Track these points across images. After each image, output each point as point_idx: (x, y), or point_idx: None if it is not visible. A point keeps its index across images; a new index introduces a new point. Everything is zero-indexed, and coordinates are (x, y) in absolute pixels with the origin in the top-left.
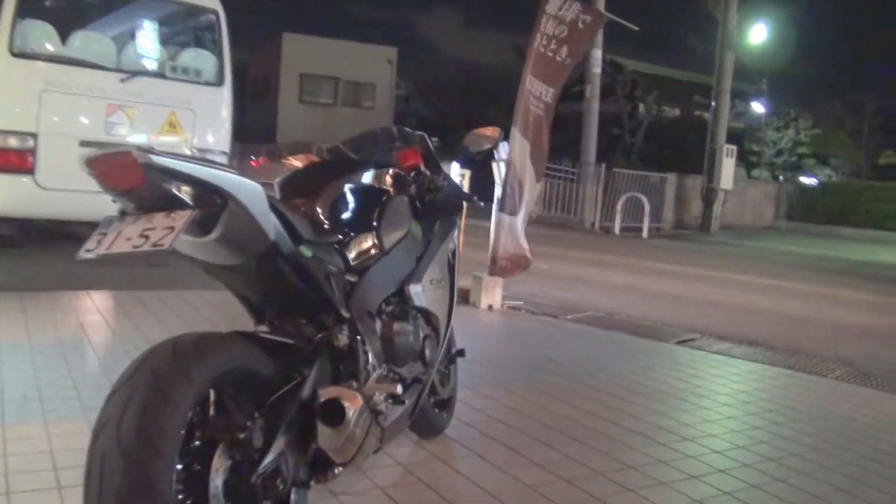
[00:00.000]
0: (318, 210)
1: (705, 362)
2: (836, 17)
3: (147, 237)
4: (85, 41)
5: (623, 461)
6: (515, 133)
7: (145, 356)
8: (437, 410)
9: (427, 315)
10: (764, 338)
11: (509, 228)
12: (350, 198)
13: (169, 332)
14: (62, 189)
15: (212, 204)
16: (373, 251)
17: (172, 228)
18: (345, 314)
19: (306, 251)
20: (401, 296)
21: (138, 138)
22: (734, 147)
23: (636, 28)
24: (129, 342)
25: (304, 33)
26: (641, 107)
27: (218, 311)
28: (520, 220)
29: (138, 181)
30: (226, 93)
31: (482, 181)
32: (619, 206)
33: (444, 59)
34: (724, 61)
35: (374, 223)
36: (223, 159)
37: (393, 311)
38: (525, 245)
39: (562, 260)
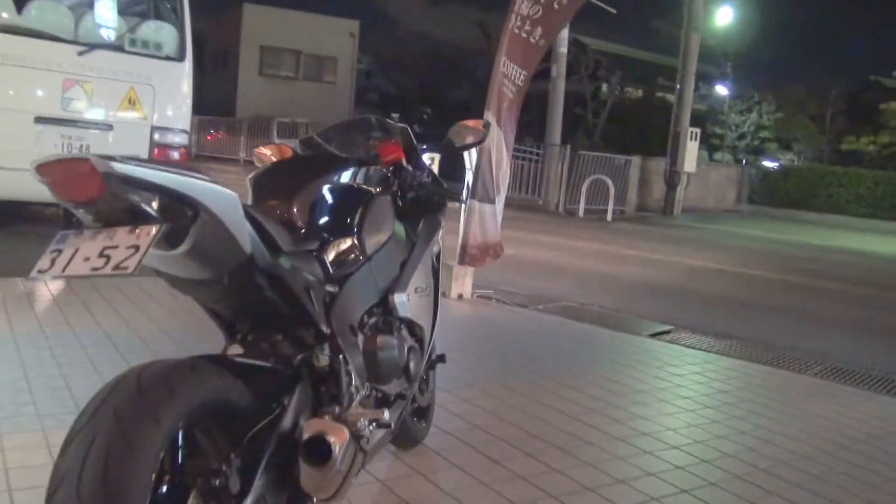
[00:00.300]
0: (295, 213)
1: (682, 358)
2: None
3: (108, 257)
4: (41, 11)
5: (612, 474)
6: (489, 117)
7: (105, 394)
8: (415, 419)
9: (411, 326)
10: (737, 330)
11: (480, 216)
12: (329, 199)
13: (129, 322)
14: (17, 168)
15: (181, 215)
16: (354, 258)
17: (137, 248)
18: (325, 330)
19: (284, 262)
20: (384, 306)
21: (96, 114)
22: (698, 130)
23: (614, 11)
24: (88, 335)
25: (265, 4)
26: (604, 87)
27: (176, 299)
28: (499, 207)
29: (97, 192)
30: (187, 68)
31: (455, 167)
32: (583, 189)
33: (407, 33)
34: (689, 43)
35: (356, 226)
36: (183, 137)
37: (376, 324)
38: (498, 233)
39: (528, 245)
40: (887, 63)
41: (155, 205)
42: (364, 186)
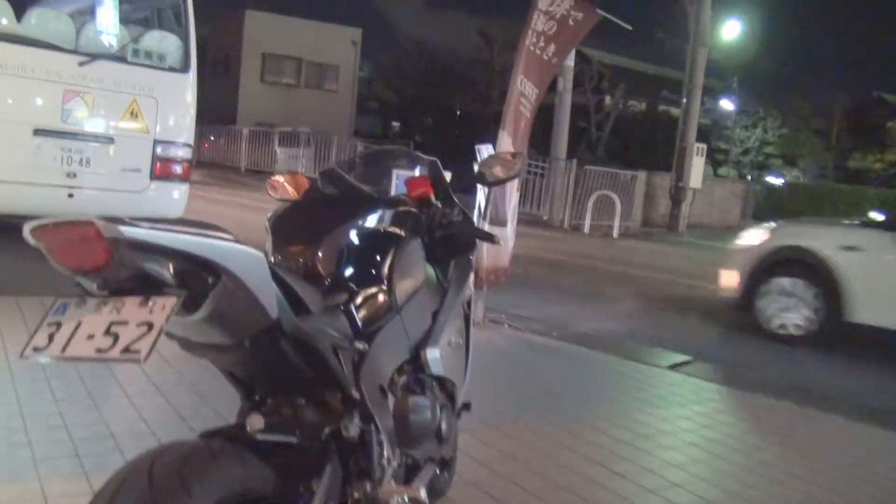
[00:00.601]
0: (321, 262)
1: (705, 394)
2: (809, 17)
3: (116, 336)
4: (41, 19)
5: None
6: (504, 137)
7: (113, 490)
8: (437, 471)
9: (443, 383)
10: (758, 361)
11: None
12: (356, 245)
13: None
14: (15, 182)
15: (200, 280)
16: (384, 310)
17: (150, 326)
18: (354, 394)
19: (312, 324)
20: (415, 362)
21: (97, 127)
22: (704, 146)
23: (629, 27)
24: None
25: (267, 10)
26: (608, 100)
27: None
28: (509, 230)
29: (104, 260)
30: (191, 79)
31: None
32: (589, 205)
33: (408, 41)
34: (696, 58)
35: (385, 275)
36: (187, 151)
37: (407, 384)
38: (508, 256)
39: (537, 264)
40: (891, 79)
41: (170, 271)
42: (392, 229)
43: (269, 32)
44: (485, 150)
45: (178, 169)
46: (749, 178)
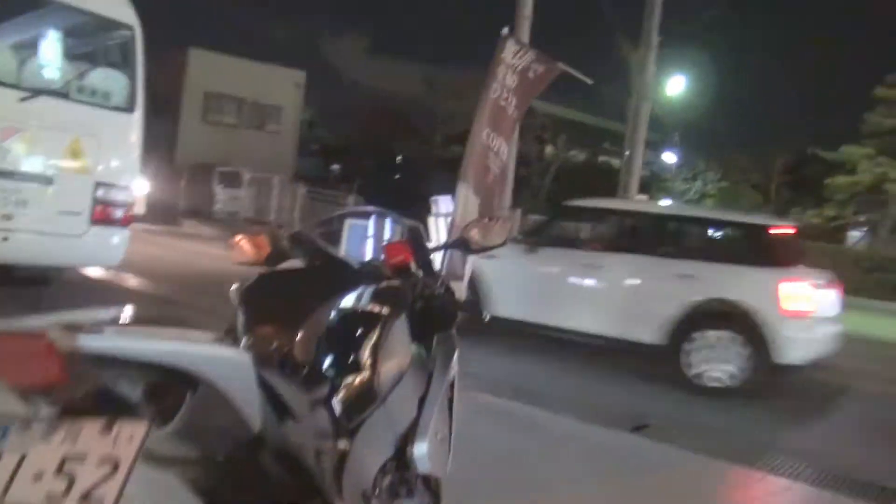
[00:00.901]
0: (299, 348)
1: (685, 463)
2: (750, 74)
3: (72, 478)
4: None
5: None
6: (463, 189)
7: None
8: None
9: (428, 481)
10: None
11: None
12: (336, 326)
13: None
14: None
15: (174, 393)
16: (368, 400)
17: (115, 465)
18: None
19: (298, 433)
20: (399, 459)
21: (36, 166)
22: (646, 197)
23: (590, 81)
24: None
25: (209, 48)
26: (549, 148)
27: None
28: (464, 286)
29: (58, 378)
30: (136, 119)
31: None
32: None
33: (351, 85)
34: (639, 112)
35: (369, 361)
36: (128, 194)
37: (392, 486)
38: None
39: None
40: (826, 136)
41: (139, 386)
42: (375, 308)
43: (212, 72)
44: (442, 203)
45: (118, 213)
46: None
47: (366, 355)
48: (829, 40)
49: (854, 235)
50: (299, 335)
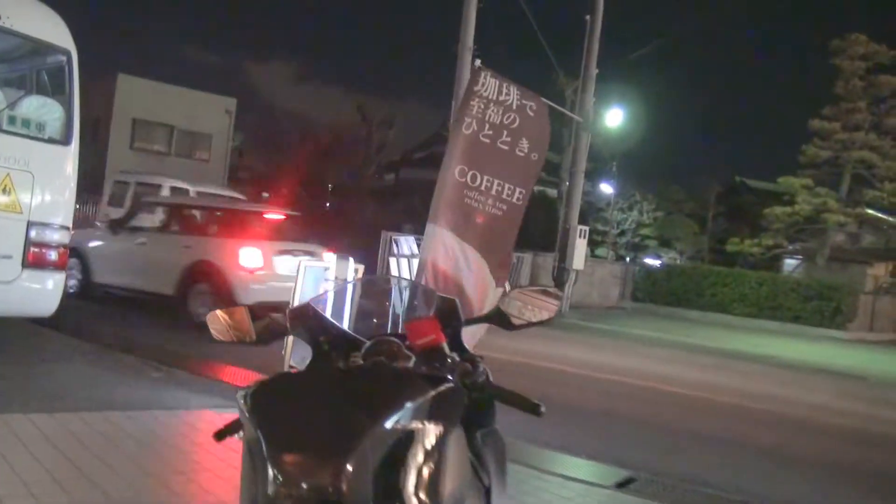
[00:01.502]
0: (351, 492)
1: None
2: (680, 106)
3: None
4: None
5: None
6: (439, 232)
7: None
8: None
9: None
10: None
11: None
12: (387, 449)
13: None
14: None
15: None
16: None
17: None
18: None
19: None
20: None
21: None
22: (587, 228)
23: (579, 119)
24: None
25: (137, 74)
26: None
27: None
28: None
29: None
30: (72, 151)
31: None
32: None
33: (282, 113)
34: (579, 143)
35: (429, 497)
36: (64, 235)
37: None
38: None
39: None
40: (756, 167)
41: None
42: (429, 424)
43: (140, 98)
44: (404, 242)
45: (53, 255)
46: (627, 259)
47: (425, 487)
48: (762, 72)
49: (790, 263)
50: (348, 470)
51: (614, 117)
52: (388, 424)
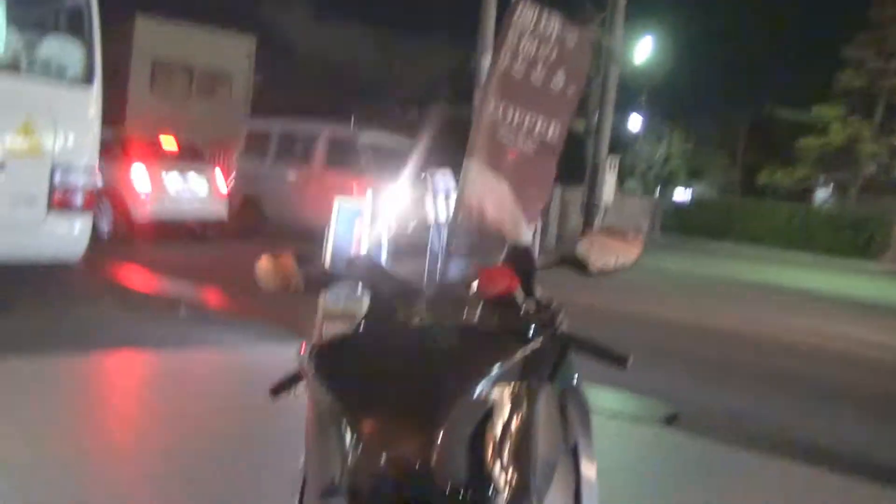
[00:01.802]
0: (440, 464)
1: (733, 464)
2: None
3: None
4: None
5: None
6: (474, 165)
7: None
8: None
9: None
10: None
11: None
12: (469, 423)
13: None
14: None
15: None
16: None
17: None
18: None
19: None
20: None
21: None
22: (617, 159)
23: (610, 49)
24: None
25: (156, 15)
26: None
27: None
28: None
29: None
30: (95, 92)
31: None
32: None
33: (303, 47)
34: (608, 74)
35: (521, 467)
36: (89, 176)
37: None
38: None
39: None
40: (787, 96)
41: None
42: (518, 386)
43: (160, 39)
44: (440, 178)
45: (79, 198)
46: (658, 191)
47: (517, 457)
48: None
49: (821, 196)
50: (439, 441)
51: (644, 48)
52: (479, 388)
